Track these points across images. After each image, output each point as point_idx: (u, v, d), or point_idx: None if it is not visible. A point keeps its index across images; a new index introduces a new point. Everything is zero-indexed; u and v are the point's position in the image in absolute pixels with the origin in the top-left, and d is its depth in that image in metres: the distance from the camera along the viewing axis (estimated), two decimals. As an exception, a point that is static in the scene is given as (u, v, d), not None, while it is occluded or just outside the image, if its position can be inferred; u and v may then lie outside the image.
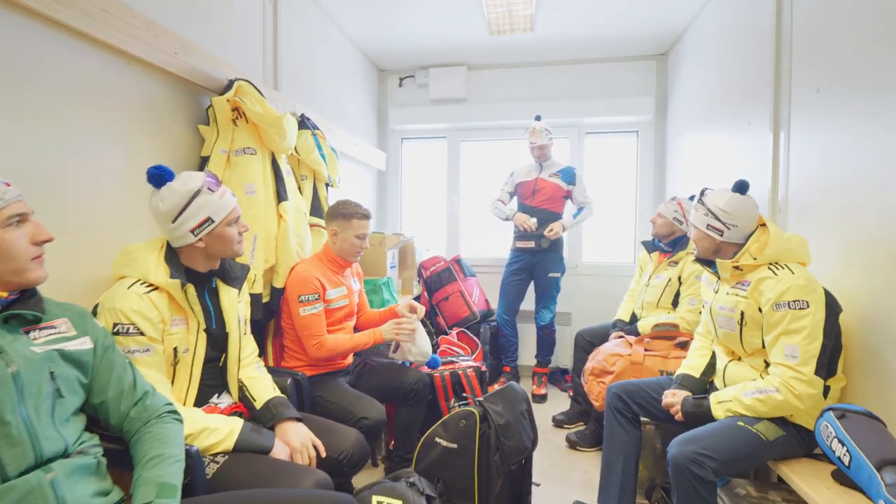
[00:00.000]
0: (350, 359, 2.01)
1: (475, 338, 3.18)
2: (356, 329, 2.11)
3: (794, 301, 1.35)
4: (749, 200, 1.52)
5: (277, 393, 1.50)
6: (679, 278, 2.38)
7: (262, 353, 2.01)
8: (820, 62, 1.67)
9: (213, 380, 1.42)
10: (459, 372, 2.32)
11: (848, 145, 1.53)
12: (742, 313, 1.47)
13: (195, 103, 1.77)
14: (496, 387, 3.22)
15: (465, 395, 1.93)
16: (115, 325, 1.16)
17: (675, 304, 2.41)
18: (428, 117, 3.83)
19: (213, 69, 1.73)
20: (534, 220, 3.08)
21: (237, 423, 1.29)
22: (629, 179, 3.74)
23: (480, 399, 1.67)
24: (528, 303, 3.30)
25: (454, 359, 2.48)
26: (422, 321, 3.35)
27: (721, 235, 1.54)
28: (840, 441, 1.18)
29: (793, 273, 1.39)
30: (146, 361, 1.20)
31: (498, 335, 3.34)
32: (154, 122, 1.59)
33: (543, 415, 2.89)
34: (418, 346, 2.03)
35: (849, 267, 1.52)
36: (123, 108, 1.47)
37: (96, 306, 1.19)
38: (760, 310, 1.43)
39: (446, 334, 3.19)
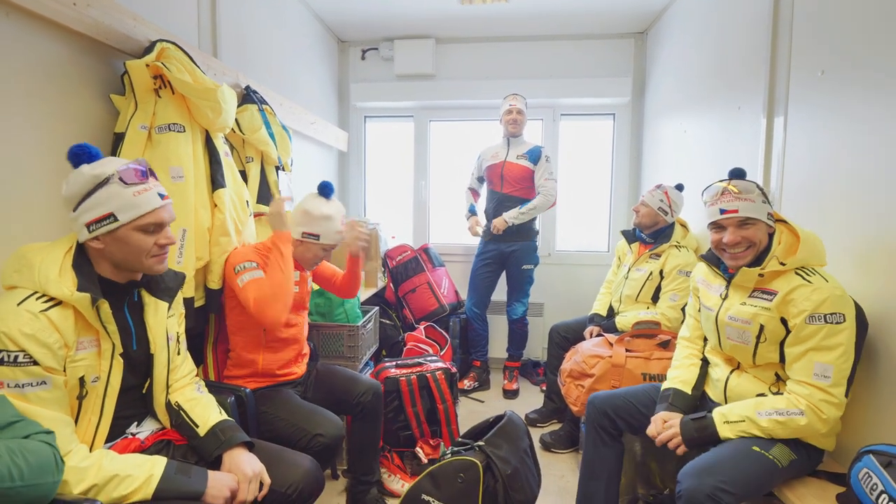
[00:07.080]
0: (303, 368, 1.77)
1: (444, 332, 3.00)
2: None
3: (831, 314, 1.19)
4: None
5: (224, 416, 1.27)
6: (661, 272, 2.25)
7: (202, 363, 1.75)
8: (826, 42, 1.51)
9: (132, 409, 1.17)
10: (427, 374, 2.14)
11: (856, 134, 1.39)
12: (761, 326, 1.30)
13: (107, 68, 1.45)
14: (466, 382, 3.12)
15: (463, 440, 1.53)
16: None
17: (654, 298, 2.29)
18: (393, 94, 3.53)
19: (126, 27, 1.41)
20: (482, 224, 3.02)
21: (157, 465, 1.04)
22: (605, 165, 3.59)
23: (482, 444, 1.38)
24: (499, 293, 3.14)
25: (421, 359, 2.28)
26: (387, 314, 3.18)
27: None
28: (893, 499, 0.97)
29: (826, 280, 1.23)
30: (41, 398, 0.94)
31: (468, 329, 3.16)
32: (50, 90, 1.27)
33: (516, 413, 2.76)
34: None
35: (860, 271, 1.37)
36: (2, 72, 1.16)
37: None
38: (783, 320, 1.27)
39: (413, 329, 3.00)
